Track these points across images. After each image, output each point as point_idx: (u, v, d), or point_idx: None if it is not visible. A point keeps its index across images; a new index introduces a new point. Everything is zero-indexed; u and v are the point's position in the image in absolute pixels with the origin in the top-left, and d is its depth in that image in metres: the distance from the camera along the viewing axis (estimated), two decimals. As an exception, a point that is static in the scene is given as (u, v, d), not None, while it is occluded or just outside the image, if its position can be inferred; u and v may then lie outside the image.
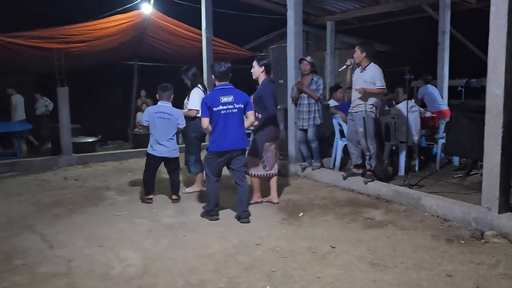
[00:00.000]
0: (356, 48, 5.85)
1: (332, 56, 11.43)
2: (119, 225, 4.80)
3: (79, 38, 9.16)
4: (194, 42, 10.94)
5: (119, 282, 3.42)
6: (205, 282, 3.39)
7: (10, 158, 8.42)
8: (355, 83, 5.88)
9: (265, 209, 5.33)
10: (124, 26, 9.86)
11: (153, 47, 11.54)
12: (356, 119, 5.85)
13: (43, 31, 8.69)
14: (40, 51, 8.92)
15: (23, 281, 3.45)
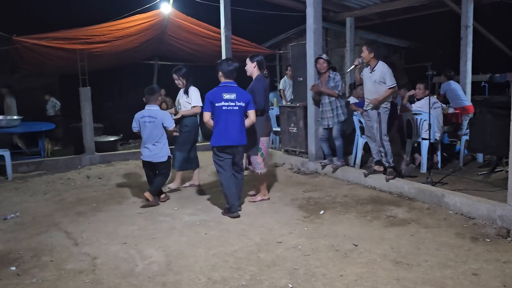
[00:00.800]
0: (363, 48, 5.87)
1: (352, 52, 11.33)
2: (141, 223, 4.86)
3: (100, 39, 9.29)
4: (213, 40, 10.98)
5: (143, 279, 3.48)
6: (227, 279, 3.42)
7: (36, 157, 8.60)
8: (366, 84, 5.93)
9: (286, 206, 5.34)
10: (144, 26, 9.96)
11: (173, 46, 11.61)
12: (371, 115, 5.88)
13: (66, 32, 8.85)
14: (63, 52, 9.08)
15: (51, 277, 3.53)
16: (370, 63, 5.86)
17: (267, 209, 5.25)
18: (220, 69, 5.09)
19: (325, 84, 6.52)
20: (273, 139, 9.60)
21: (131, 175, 7.46)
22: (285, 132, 8.20)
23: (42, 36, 8.72)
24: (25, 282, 3.46)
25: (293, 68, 8.42)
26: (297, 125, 7.83)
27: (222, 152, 5.00)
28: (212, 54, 11.37)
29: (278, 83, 12.93)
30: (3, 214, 5.24)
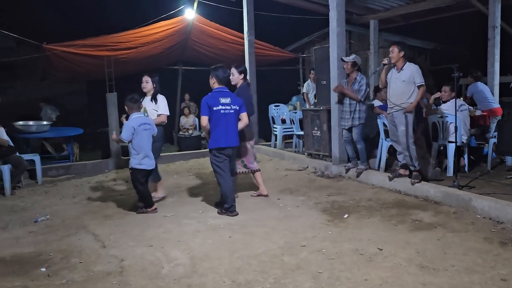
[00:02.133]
0: (392, 47, 5.81)
1: (376, 55, 11.24)
2: (167, 225, 4.94)
3: (126, 45, 9.50)
4: (237, 45, 11.08)
5: (168, 281, 3.53)
6: (252, 282, 3.44)
7: (64, 161, 8.83)
8: (391, 85, 5.86)
9: (309, 210, 5.33)
10: (169, 32, 10.13)
11: (197, 52, 11.76)
12: (397, 117, 5.79)
13: (93, 40, 9.08)
14: (91, 59, 9.32)
15: (80, 279, 3.62)
16: (398, 64, 5.79)
17: (290, 213, 5.26)
18: (215, 75, 5.37)
19: (351, 85, 6.51)
20: (296, 142, 9.61)
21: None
22: (308, 136, 8.19)
23: (71, 43, 8.97)
24: (55, 283, 3.56)
25: (316, 72, 8.41)
26: (320, 128, 7.81)
27: (221, 154, 5.22)
28: (236, 59, 11.42)
29: (301, 87, 12.91)
30: (34, 217, 5.40)
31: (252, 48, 10.33)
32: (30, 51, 9.84)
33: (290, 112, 10.26)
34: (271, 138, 10.44)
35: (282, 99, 11.30)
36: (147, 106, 5.89)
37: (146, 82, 5.91)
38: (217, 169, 5.26)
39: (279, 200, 5.83)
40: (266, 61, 12.24)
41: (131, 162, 5.35)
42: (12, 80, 11.43)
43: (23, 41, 9.66)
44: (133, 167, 5.34)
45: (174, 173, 8.04)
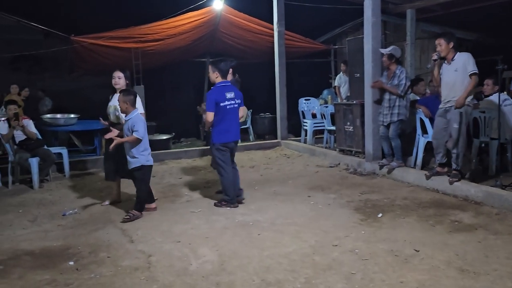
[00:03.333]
0: (439, 40, 5.62)
1: (412, 46, 11.01)
2: (195, 221, 5.00)
3: (154, 37, 9.62)
4: (266, 36, 11.06)
5: (196, 278, 3.58)
6: (282, 281, 3.45)
7: (91, 155, 9.03)
8: (445, 76, 5.68)
9: (341, 209, 5.30)
10: (197, 23, 10.20)
11: (225, 43, 11.80)
12: (452, 114, 5.60)
13: (121, 32, 9.24)
14: (118, 51, 9.49)
15: (108, 273, 3.71)
16: (448, 56, 5.62)
17: (321, 211, 5.24)
18: (218, 69, 5.43)
19: (390, 80, 6.43)
20: (327, 138, 9.54)
21: (184, 174, 7.66)
22: (340, 131, 8.13)
23: (98, 35, 9.15)
24: (84, 277, 3.66)
25: (349, 64, 8.32)
26: (353, 123, 7.73)
27: (225, 148, 5.44)
28: (265, 51, 11.45)
29: (333, 80, 12.80)
30: (62, 211, 5.56)
31: (282, 40, 10.29)
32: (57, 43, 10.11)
33: (321, 106, 10.19)
34: (300, 133, 10.41)
35: (312, 92, 11.23)
36: (116, 103, 5.36)
37: (118, 78, 5.53)
38: (220, 162, 5.46)
39: (310, 197, 5.81)
40: (296, 53, 12.17)
41: (140, 160, 5.12)
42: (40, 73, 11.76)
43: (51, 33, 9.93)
44: (143, 165, 5.16)
45: (201, 168, 8.12)
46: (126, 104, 5.08)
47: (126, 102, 5.07)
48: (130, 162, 5.15)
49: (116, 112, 5.46)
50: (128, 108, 5.09)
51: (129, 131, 5.09)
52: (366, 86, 7.00)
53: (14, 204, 6.05)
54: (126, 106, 5.08)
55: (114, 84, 5.54)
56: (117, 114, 5.46)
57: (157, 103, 12.86)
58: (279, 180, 6.90)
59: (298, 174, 7.27)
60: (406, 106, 6.47)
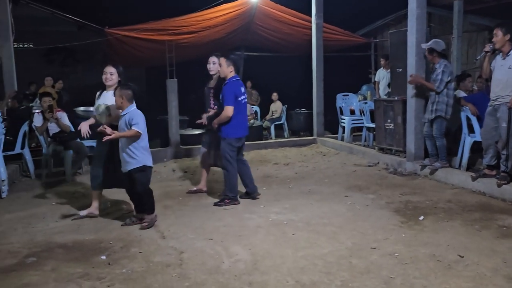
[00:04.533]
0: (496, 30, 5.43)
1: (459, 40, 10.73)
2: (227, 219, 5.05)
3: (188, 29, 9.74)
4: (303, 29, 11.02)
5: (229, 276, 3.61)
6: (317, 283, 3.44)
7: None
8: (497, 72, 5.50)
9: (380, 210, 5.24)
10: (232, 15, 10.26)
11: (260, 36, 11.83)
12: (501, 113, 5.44)
13: (155, 24, 9.40)
14: (152, 44, 9.66)
15: (140, 269, 3.80)
16: (503, 49, 5.45)
17: (359, 212, 5.19)
18: (234, 63, 5.56)
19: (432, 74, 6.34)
20: (366, 135, 9.44)
21: (216, 170, 7.71)
22: (380, 129, 8.02)
23: (132, 27, 9.34)
24: (116, 272, 3.76)
25: (391, 58, 8.19)
26: (394, 121, 7.62)
27: (238, 143, 5.60)
28: (302, 44, 11.43)
29: (372, 75, 12.63)
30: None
31: (320, 33, 10.22)
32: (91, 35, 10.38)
33: (360, 102, 10.10)
34: (338, 130, 10.33)
35: (351, 88, 11.13)
36: (109, 102, 5.03)
37: (110, 74, 5.10)
38: (229, 157, 5.57)
39: (347, 197, 5.77)
40: (334, 46, 12.08)
41: (141, 160, 4.75)
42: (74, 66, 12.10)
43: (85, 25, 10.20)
44: (146, 165, 4.80)
45: (234, 165, 8.17)
46: (121, 98, 4.69)
47: (122, 97, 4.69)
48: (128, 163, 4.73)
49: (108, 112, 5.02)
50: (123, 103, 4.70)
51: (126, 126, 4.70)
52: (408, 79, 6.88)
53: (47, 196, 6.26)
54: (121, 101, 4.69)
55: (105, 81, 5.11)
56: (108, 115, 5.02)
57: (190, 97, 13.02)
58: (315, 179, 6.87)
59: (335, 173, 7.22)
60: (447, 103, 6.31)
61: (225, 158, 5.58)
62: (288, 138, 11.14)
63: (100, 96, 5.19)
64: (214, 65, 5.90)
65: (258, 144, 9.92)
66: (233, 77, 5.54)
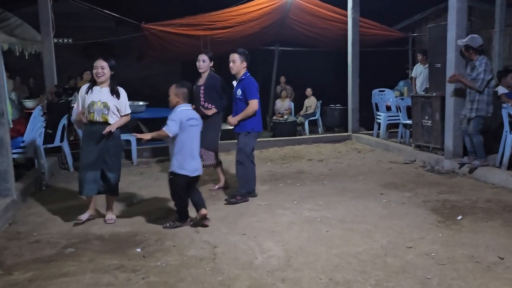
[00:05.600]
0: None
1: (501, 34, 10.36)
2: (260, 215, 5.05)
3: (223, 24, 9.79)
4: (339, 23, 10.90)
5: (262, 272, 3.62)
6: (351, 282, 3.41)
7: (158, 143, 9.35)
8: None
9: (417, 208, 5.14)
10: (267, 10, 10.24)
11: (295, 31, 11.76)
12: None
13: (190, 19, 9.50)
14: (187, 39, 9.76)
15: (174, 262, 3.85)
16: None
17: (395, 210, 5.11)
18: (247, 61, 5.55)
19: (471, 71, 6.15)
20: (402, 132, 9.27)
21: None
22: (417, 125, 7.85)
23: (168, 22, 9.45)
24: (150, 265, 3.82)
25: (430, 53, 7.99)
26: (432, 117, 7.44)
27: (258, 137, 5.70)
28: (337, 39, 11.31)
29: (409, 70, 12.38)
30: (130, 197, 5.82)
31: (356, 27, 10.08)
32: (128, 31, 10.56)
33: (397, 98, 9.91)
34: (373, 127, 10.18)
35: (387, 83, 10.94)
36: (108, 101, 4.72)
37: (102, 68, 4.70)
38: (250, 152, 5.57)
39: (382, 195, 5.69)
40: (370, 41, 11.90)
41: (172, 165, 4.60)
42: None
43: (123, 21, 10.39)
44: (174, 172, 4.58)
45: (267, 160, 8.18)
46: (177, 97, 4.53)
47: (178, 95, 4.53)
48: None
49: (105, 111, 4.70)
50: (179, 103, 4.55)
51: None
52: (448, 77, 6.70)
53: (85, 189, 6.41)
54: (177, 100, 4.54)
55: (97, 76, 4.70)
56: (105, 113, 4.71)
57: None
58: (349, 176, 6.80)
59: (370, 170, 7.13)
60: (488, 101, 6.13)
61: (246, 153, 5.55)
62: (322, 134, 11.06)
63: (91, 92, 4.74)
64: (204, 63, 5.89)
65: (292, 139, 9.89)
66: (247, 73, 5.58)
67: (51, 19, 8.18)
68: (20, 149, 6.34)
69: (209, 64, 5.96)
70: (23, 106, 8.96)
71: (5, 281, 3.58)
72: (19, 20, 8.56)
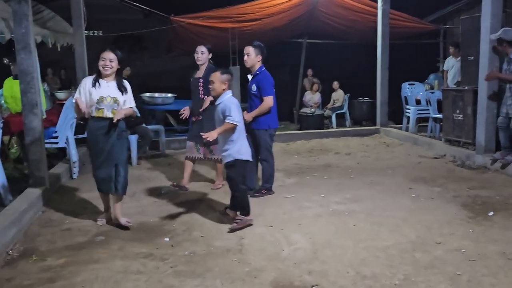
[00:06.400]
0: None
1: (539, 26, 10.06)
2: (287, 207, 5.06)
3: (251, 17, 9.78)
4: (368, 15, 10.74)
5: (288, 264, 3.63)
6: (378, 276, 3.39)
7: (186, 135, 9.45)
8: None
9: (446, 204, 5.05)
10: (295, 2, 10.17)
11: (324, 23, 11.64)
12: None
13: (219, 11, 9.52)
14: (215, 31, 9.78)
15: (202, 252, 3.90)
16: None
17: (424, 205, 5.04)
18: (263, 53, 5.36)
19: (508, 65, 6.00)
20: (432, 126, 9.12)
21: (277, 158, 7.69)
22: (448, 119, 7.70)
23: (196, 15, 9.50)
24: (178, 254, 3.88)
25: (462, 46, 7.83)
26: (463, 111, 7.29)
27: (275, 132, 5.57)
28: (366, 31, 11.15)
29: (440, 63, 12.13)
30: (159, 188, 5.90)
31: (386, 19, 9.92)
32: (156, 23, 10.66)
33: (427, 91, 9.74)
34: (401, 121, 10.04)
35: (417, 77, 10.75)
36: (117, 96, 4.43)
37: (110, 61, 4.38)
38: (270, 149, 5.50)
39: (411, 189, 5.61)
40: (400, 33, 11.67)
41: (229, 155, 4.42)
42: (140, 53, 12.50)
43: (151, 13, 10.48)
44: (235, 159, 4.41)
45: (294, 153, 8.17)
46: (224, 84, 4.37)
47: (224, 83, 4.37)
48: (224, 157, 4.51)
49: (115, 106, 4.42)
50: (225, 90, 4.40)
51: (223, 117, 4.37)
52: (481, 70, 6.54)
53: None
54: (223, 87, 4.37)
55: (104, 68, 4.38)
56: (116, 109, 4.42)
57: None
58: (377, 169, 6.73)
59: (398, 164, 7.04)
60: None
61: (268, 150, 5.48)
62: (350, 128, 10.97)
63: (98, 86, 4.39)
64: (203, 54, 5.63)
65: (319, 133, 9.85)
66: (262, 66, 5.41)
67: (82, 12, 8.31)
68: (53, 139, 6.49)
69: (207, 56, 5.70)
70: (55, 97, 9.16)
71: (39, 267, 3.69)
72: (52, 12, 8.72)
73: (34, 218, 4.82)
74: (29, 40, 5.24)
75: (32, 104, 5.32)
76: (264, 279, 3.39)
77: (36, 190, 5.27)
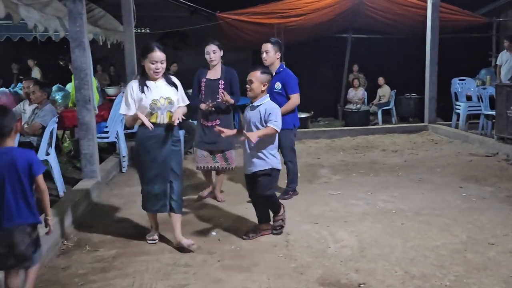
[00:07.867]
0: None
1: None
2: (333, 204, 5.04)
3: (297, 12, 9.74)
4: (417, 9, 10.46)
5: (335, 261, 3.62)
6: (428, 276, 3.33)
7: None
8: None
9: (499, 203, 4.90)
10: (341, -4, 10.06)
11: (370, 18, 11.44)
12: None
13: (264, 7, 9.54)
14: (260, 27, 9.81)
15: (248, 247, 3.95)
16: None
17: (475, 205, 4.90)
18: (281, 50, 5.22)
19: None
20: (483, 123, 8.83)
21: (322, 154, 7.71)
22: (501, 116, 7.43)
23: (242, 11, 9.56)
24: (225, 248, 3.94)
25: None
26: (518, 108, 7.02)
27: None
28: (414, 25, 10.89)
29: (493, 58, 11.69)
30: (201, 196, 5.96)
31: (436, 13, 9.64)
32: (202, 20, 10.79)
33: (478, 87, 9.43)
34: (451, 117, 9.76)
35: (468, 72, 10.41)
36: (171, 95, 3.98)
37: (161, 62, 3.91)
38: (294, 148, 5.38)
39: (462, 188, 5.46)
40: (450, 27, 11.33)
41: (268, 161, 4.03)
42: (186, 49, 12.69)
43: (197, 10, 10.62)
44: (274, 167, 4.07)
45: (340, 150, 8.10)
46: (263, 86, 3.98)
47: (264, 84, 3.99)
48: (254, 164, 4.02)
49: (170, 107, 3.97)
50: (264, 92, 4.03)
51: (261, 123, 3.98)
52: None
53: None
54: (263, 88, 3.99)
55: (155, 71, 3.90)
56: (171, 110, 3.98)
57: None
58: (426, 167, 6.58)
59: (448, 162, 6.85)
60: None
61: (293, 150, 5.37)
62: (396, 124, 10.76)
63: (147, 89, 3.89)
64: (215, 54, 5.03)
65: (365, 129, 9.71)
66: (282, 64, 5.23)
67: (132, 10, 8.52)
68: (104, 134, 6.71)
69: (220, 54, 5.10)
70: (105, 93, 9.45)
71: (92, 257, 3.84)
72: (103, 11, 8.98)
73: (87, 210, 5.01)
74: (83, 38, 5.43)
75: (85, 99, 5.51)
76: (311, 276, 3.40)
77: (88, 182, 5.47)
